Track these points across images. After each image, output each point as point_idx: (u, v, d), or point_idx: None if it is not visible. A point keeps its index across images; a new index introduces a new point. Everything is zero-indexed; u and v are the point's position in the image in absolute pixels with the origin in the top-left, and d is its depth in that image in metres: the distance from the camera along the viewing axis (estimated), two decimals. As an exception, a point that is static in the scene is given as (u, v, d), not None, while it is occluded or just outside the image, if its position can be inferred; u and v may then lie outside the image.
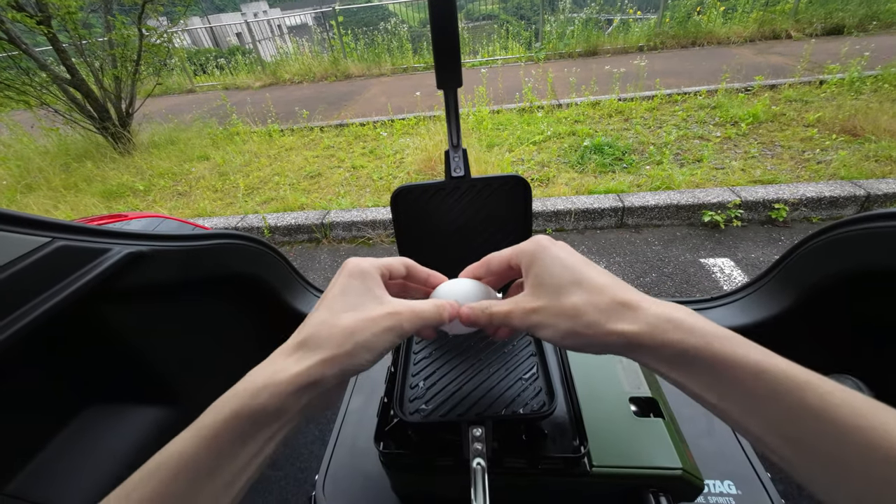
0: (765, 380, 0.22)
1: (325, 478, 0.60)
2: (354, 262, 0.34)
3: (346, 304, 0.31)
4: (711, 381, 0.24)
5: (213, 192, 3.30)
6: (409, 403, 0.49)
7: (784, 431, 0.22)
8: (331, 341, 0.28)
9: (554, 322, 0.29)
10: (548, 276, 0.31)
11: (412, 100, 4.82)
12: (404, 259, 0.38)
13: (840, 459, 0.20)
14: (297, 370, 0.27)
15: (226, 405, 0.26)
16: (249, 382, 0.27)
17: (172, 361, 0.90)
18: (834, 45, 4.56)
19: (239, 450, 0.25)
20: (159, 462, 0.24)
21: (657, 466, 0.46)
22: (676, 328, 0.25)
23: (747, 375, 0.22)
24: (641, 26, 6.34)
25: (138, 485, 0.24)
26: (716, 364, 0.23)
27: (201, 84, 7.87)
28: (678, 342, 0.25)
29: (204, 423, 0.25)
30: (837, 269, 0.83)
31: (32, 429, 0.73)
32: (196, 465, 0.24)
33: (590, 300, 0.28)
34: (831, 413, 0.20)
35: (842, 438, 0.20)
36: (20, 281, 0.56)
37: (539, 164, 3.02)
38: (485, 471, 0.39)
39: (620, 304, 0.27)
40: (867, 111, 2.83)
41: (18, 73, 3.81)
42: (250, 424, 0.26)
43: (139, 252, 0.73)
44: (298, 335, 0.30)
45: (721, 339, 0.24)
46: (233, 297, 1.06)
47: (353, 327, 0.29)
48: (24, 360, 0.69)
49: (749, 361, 0.23)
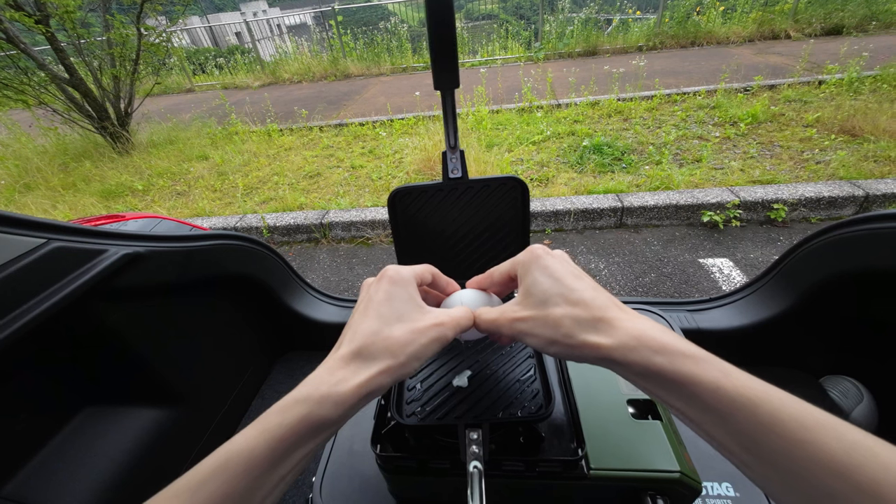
0: (720, 396, 0.24)
1: (323, 480, 0.59)
2: (395, 270, 0.36)
3: (393, 313, 0.33)
4: (675, 395, 0.26)
5: (212, 192, 3.29)
6: (406, 406, 0.49)
7: (741, 442, 0.23)
8: (387, 353, 0.30)
9: (538, 331, 0.31)
10: (537, 286, 0.33)
11: (411, 99, 4.81)
12: (430, 267, 0.40)
13: (790, 471, 0.21)
14: (358, 382, 0.29)
15: (292, 409, 0.27)
16: (313, 390, 0.28)
17: (170, 362, 0.90)
18: (833, 46, 4.56)
19: (298, 449, 0.27)
20: (228, 458, 0.25)
21: (655, 469, 0.46)
22: (645, 346, 0.27)
23: (705, 392, 0.24)
24: (641, 26, 6.34)
25: (207, 480, 0.25)
26: (676, 381, 0.25)
27: (200, 83, 7.86)
28: (644, 360, 0.27)
29: (271, 425, 0.27)
30: (837, 270, 0.83)
31: (31, 430, 0.72)
32: (263, 464, 0.26)
33: (571, 313, 0.30)
34: (780, 428, 0.22)
35: (790, 452, 0.21)
36: (16, 282, 0.56)
37: (538, 164, 3.02)
38: (482, 473, 0.39)
39: (598, 319, 0.29)
40: (866, 111, 2.83)
41: (17, 72, 3.80)
42: (313, 430, 0.27)
43: (136, 253, 0.72)
44: (352, 344, 0.31)
45: (684, 358, 0.26)
46: (230, 298, 1.06)
47: (405, 339, 0.31)
48: (22, 361, 0.68)
49: (707, 379, 0.25)
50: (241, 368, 1.14)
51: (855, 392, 0.94)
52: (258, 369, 1.19)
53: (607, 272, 2.07)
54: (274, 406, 0.28)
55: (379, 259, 2.40)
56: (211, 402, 1.02)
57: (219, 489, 0.24)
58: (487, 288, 0.40)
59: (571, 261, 0.36)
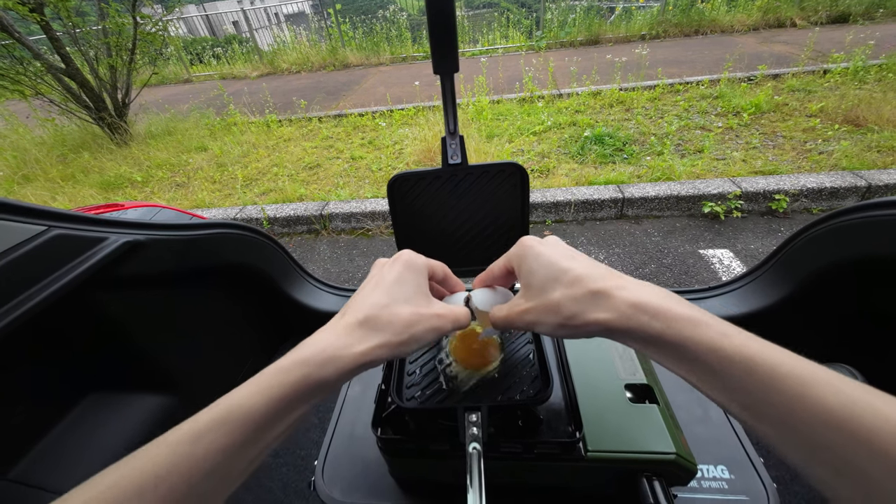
0: (719, 357, 0.24)
1: (325, 463, 0.60)
2: (411, 256, 0.38)
3: (403, 294, 0.34)
4: (675, 359, 0.27)
5: (212, 184, 3.28)
6: (406, 390, 0.50)
7: (741, 401, 0.24)
8: (391, 328, 0.31)
9: (544, 319, 0.32)
10: (533, 276, 0.34)
11: (411, 90, 4.76)
12: (443, 265, 0.42)
13: (789, 426, 0.22)
14: (360, 350, 0.30)
15: (294, 370, 0.28)
16: (318, 352, 0.29)
17: (171, 350, 0.91)
18: (839, 34, 4.49)
19: (297, 409, 0.28)
20: (229, 411, 0.26)
21: (651, 451, 0.47)
22: (642, 313, 0.27)
23: (703, 353, 0.25)
24: (644, 14, 6.24)
25: (207, 431, 0.25)
26: (675, 345, 0.26)
27: (198, 74, 7.77)
28: (644, 326, 0.27)
29: (271, 383, 0.27)
30: (837, 258, 0.83)
31: (34, 416, 0.73)
32: (261, 421, 0.26)
33: (569, 294, 0.31)
34: (778, 384, 0.22)
35: (789, 408, 0.22)
36: (18, 269, 0.56)
37: (539, 155, 3.00)
38: (480, 455, 0.40)
39: (595, 293, 0.29)
40: (871, 101, 2.80)
41: (12, 62, 3.75)
42: (311, 391, 0.28)
43: (136, 241, 0.73)
44: (358, 313, 0.32)
45: (682, 322, 0.26)
46: (230, 287, 1.06)
47: (410, 320, 0.32)
48: (24, 349, 0.69)
49: (705, 341, 0.25)
50: (241, 357, 1.15)
51: (851, 380, 0.95)
52: (258, 358, 1.20)
53: (607, 263, 2.06)
54: (274, 364, 0.29)
55: (379, 250, 2.41)
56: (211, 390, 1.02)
57: (217, 441, 0.25)
58: (490, 284, 0.42)
59: (563, 243, 0.37)
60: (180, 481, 0.23)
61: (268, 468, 1.03)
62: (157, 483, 0.23)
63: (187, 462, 0.24)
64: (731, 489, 0.53)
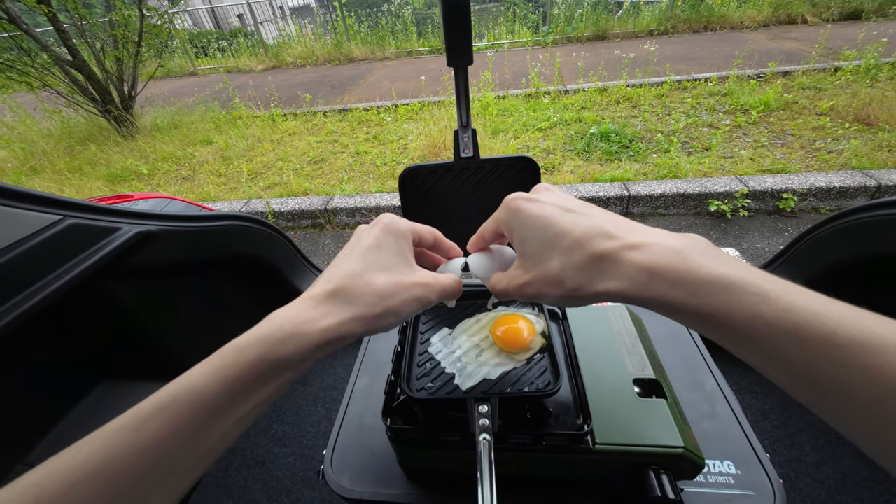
0: (758, 325, 0.20)
1: (334, 452, 0.61)
2: (391, 219, 0.33)
3: (379, 262, 0.30)
4: (706, 328, 0.23)
5: (217, 177, 3.30)
6: (416, 381, 0.50)
7: (788, 373, 0.20)
8: (363, 300, 0.28)
9: (546, 291, 0.28)
10: (527, 243, 0.29)
11: (416, 84, 4.74)
12: (433, 229, 0.37)
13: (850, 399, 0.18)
14: (325, 325, 0.26)
15: (251, 348, 0.25)
16: (276, 328, 0.26)
17: (179, 340, 0.92)
18: (851, 31, 4.42)
19: (257, 391, 0.25)
20: (174, 396, 0.24)
21: (659, 445, 0.47)
22: (659, 280, 0.23)
23: (738, 323, 0.21)
24: (652, 10, 6.16)
25: (153, 416, 0.23)
26: (701, 315, 0.22)
27: (203, 67, 7.77)
28: (661, 295, 0.23)
29: (226, 363, 0.25)
30: (845, 257, 0.83)
31: (49, 403, 0.75)
32: (216, 404, 0.24)
33: (569, 262, 0.26)
34: (836, 354, 0.18)
35: (849, 380, 0.18)
36: (35, 257, 0.57)
37: (545, 151, 2.99)
38: (491, 445, 0.40)
39: (599, 259, 0.25)
40: (882, 99, 2.76)
41: (20, 53, 3.77)
42: (273, 370, 0.25)
43: (148, 231, 0.73)
44: (328, 283, 0.29)
45: (708, 288, 0.21)
46: (239, 278, 1.07)
47: (386, 291, 0.28)
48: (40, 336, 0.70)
49: (739, 309, 0.21)
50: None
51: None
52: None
53: (612, 260, 2.06)
54: (232, 342, 0.26)
55: (384, 245, 2.41)
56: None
57: (164, 428, 0.22)
58: (484, 247, 0.38)
59: (557, 191, 0.32)
60: (120, 474, 0.21)
61: (275, 458, 1.05)
62: (91, 479, 0.20)
63: (127, 453, 0.21)
64: (737, 484, 0.53)
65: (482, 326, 0.56)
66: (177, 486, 0.24)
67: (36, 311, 0.57)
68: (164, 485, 0.23)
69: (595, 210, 0.29)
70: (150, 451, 0.22)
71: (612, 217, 0.28)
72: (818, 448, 0.91)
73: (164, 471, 0.22)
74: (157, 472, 0.22)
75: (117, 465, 0.21)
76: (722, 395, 0.62)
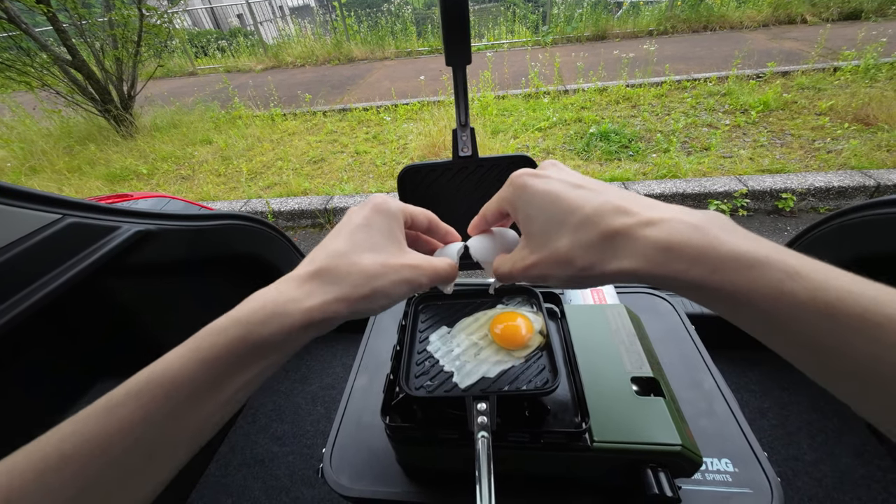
0: (783, 305, 0.19)
1: (333, 451, 0.61)
2: (382, 199, 0.32)
3: (368, 241, 0.29)
4: (729, 309, 0.21)
5: (217, 177, 3.30)
6: (414, 379, 0.50)
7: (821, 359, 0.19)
8: (349, 280, 0.27)
9: (553, 272, 0.27)
10: (532, 224, 0.28)
11: (416, 84, 4.74)
12: (427, 212, 0.36)
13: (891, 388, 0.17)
14: (309, 305, 0.25)
15: (230, 329, 0.24)
16: (257, 309, 0.25)
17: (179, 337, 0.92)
18: (850, 31, 4.43)
19: (238, 374, 0.24)
20: (148, 380, 0.23)
21: (657, 443, 0.47)
22: (677, 258, 0.22)
23: (764, 302, 0.19)
24: (652, 10, 6.16)
25: (124, 401, 0.22)
26: (725, 295, 0.21)
27: (203, 66, 7.77)
28: (679, 274, 0.22)
29: (203, 346, 0.24)
30: (843, 256, 0.83)
31: (48, 401, 0.75)
32: (193, 386, 0.23)
33: (579, 241, 0.25)
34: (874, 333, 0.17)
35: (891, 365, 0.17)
36: (34, 256, 0.57)
37: (544, 151, 2.99)
38: (489, 443, 0.40)
39: (612, 236, 0.24)
40: (882, 99, 2.76)
41: (19, 53, 3.77)
42: (254, 352, 0.24)
43: (147, 230, 0.73)
44: (313, 263, 0.27)
45: (732, 265, 0.20)
46: (238, 277, 1.08)
47: (373, 271, 0.27)
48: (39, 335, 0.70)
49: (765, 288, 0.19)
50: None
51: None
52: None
53: (611, 260, 2.07)
54: (210, 325, 0.25)
55: (383, 244, 2.41)
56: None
57: (136, 411, 0.22)
58: (486, 229, 0.37)
59: (564, 167, 0.30)
60: (91, 458, 0.20)
61: (274, 457, 1.05)
62: (63, 465, 0.20)
63: (98, 438, 0.21)
64: (735, 482, 0.54)
65: (481, 325, 0.56)
66: (159, 472, 0.23)
67: (36, 309, 0.58)
68: (142, 470, 0.22)
69: (606, 186, 0.27)
70: (122, 436, 0.21)
71: (624, 192, 0.26)
72: (816, 446, 0.92)
73: (140, 455, 0.22)
74: (132, 456, 0.21)
75: (87, 449, 0.21)
76: (720, 394, 0.62)
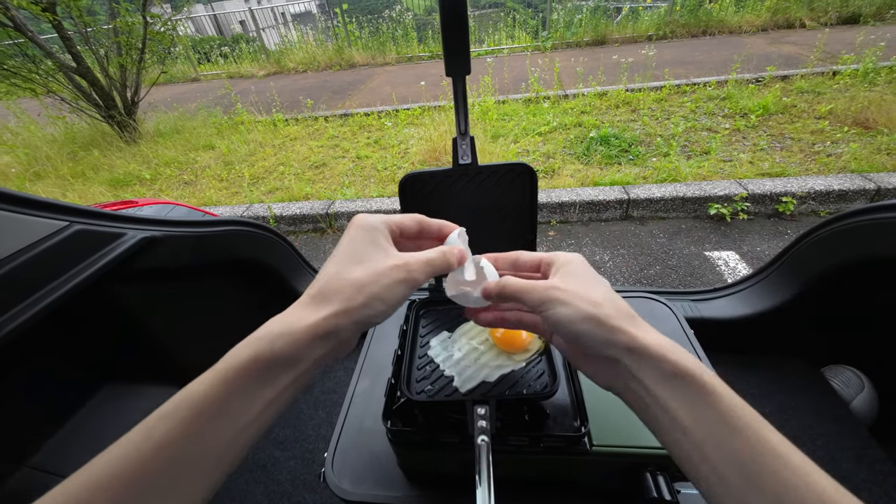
0: (737, 410, 0.26)
1: (334, 455, 0.62)
2: (363, 217, 0.35)
3: (353, 256, 0.32)
4: (692, 403, 0.27)
5: (219, 182, 3.32)
6: (416, 384, 0.51)
7: (740, 463, 0.25)
8: (341, 294, 0.29)
9: (576, 303, 0.31)
10: (581, 273, 0.34)
11: (417, 89, 4.78)
12: (415, 215, 0.38)
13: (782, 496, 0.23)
14: (312, 320, 0.28)
15: (245, 349, 0.27)
16: (268, 330, 0.28)
17: (183, 343, 0.93)
18: (849, 35, 4.45)
19: (257, 393, 0.26)
20: (179, 401, 0.25)
21: (656, 447, 0.48)
22: (676, 351, 0.29)
23: (724, 402, 0.27)
24: (651, 15, 6.21)
25: (159, 422, 0.24)
26: (703, 390, 0.27)
27: (205, 73, 7.84)
28: (679, 361, 0.28)
29: (224, 367, 0.26)
30: (842, 260, 0.83)
31: (55, 405, 0.76)
32: (217, 405, 0.25)
33: (611, 299, 0.32)
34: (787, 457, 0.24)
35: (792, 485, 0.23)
36: (42, 262, 0.58)
37: (544, 156, 3.01)
38: (489, 447, 0.41)
39: (634, 317, 0.32)
40: (881, 103, 2.77)
41: (24, 60, 3.81)
42: (267, 369, 0.27)
43: (152, 237, 0.75)
44: (312, 288, 0.31)
45: (708, 372, 0.28)
46: (241, 282, 1.09)
47: (362, 280, 0.30)
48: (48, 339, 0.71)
49: (727, 392, 0.27)
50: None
51: (856, 381, 0.95)
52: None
53: (612, 264, 2.07)
54: (232, 349, 0.28)
55: (384, 249, 2.42)
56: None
57: (169, 432, 0.24)
58: (500, 267, 0.39)
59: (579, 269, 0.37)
60: (132, 479, 0.23)
61: (276, 462, 1.05)
62: (108, 485, 0.22)
63: (138, 459, 0.23)
64: (734, 486, 0.54)
65: (481, 329, 0.56)
66: (193, 491, 0.24)
67: (44, 314, 0.58)
68: (178, 488, 0.24)
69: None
70: (158, 457, 0.23)
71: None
72: (816, 450, 0.91)
73: (175, 476, 0.23)
74: (167, 477, 0.23)
75: (129, 471, 0.23)
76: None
